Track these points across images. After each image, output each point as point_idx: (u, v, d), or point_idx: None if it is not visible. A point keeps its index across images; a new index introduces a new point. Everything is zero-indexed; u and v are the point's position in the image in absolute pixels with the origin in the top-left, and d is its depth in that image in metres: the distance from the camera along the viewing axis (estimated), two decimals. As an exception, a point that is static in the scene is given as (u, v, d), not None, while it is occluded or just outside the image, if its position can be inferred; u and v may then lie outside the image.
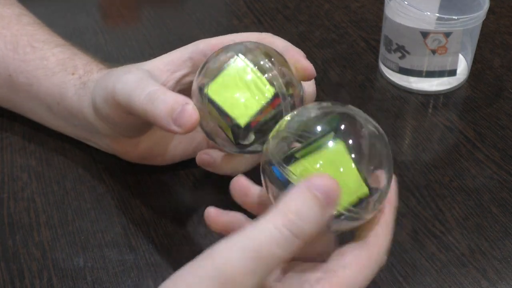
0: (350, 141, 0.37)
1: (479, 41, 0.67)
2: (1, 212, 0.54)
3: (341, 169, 0.36)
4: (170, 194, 0.56)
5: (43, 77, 0.56)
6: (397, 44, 0.64)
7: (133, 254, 0.51)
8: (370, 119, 0.39)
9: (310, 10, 0.80)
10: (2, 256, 0.51)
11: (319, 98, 0.66)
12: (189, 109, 0.42)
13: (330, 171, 0.36)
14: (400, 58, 0.65)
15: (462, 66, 0.68)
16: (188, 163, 0.58)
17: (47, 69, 0.56)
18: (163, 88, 0.45)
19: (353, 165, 0.36)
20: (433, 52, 0.63)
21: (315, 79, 0.68)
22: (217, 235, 0.50)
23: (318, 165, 0.36)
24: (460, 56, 0.67)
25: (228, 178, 0.57)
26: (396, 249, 0.51)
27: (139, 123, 0.50)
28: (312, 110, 0.40)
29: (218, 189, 0.56)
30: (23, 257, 0.51)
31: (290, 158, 0.37)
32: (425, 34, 0.62)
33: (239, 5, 0.80)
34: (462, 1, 0.65)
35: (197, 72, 0.46)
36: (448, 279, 0.49)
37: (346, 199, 0.36)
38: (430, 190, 0.56)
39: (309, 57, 0.71)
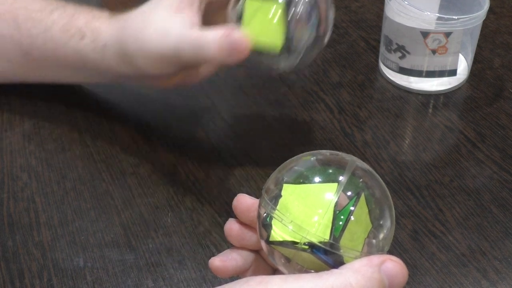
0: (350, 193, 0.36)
1: (479, 41, 0.67)
2: (1, 212, 0.54)
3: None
4: (170, 194, 0.56)
5: (55, 49, 0.56)
6: (397, 44, 0.64)
7: (133, 254, 0.51)
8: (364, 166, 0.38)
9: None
10: (2, 256, 0.51)
11: (319, 98, 0.66)
12: (237, 38, 0.45)
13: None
14: (400, 58, 0.65)
15: (462, 66, 0.68)
16: (188, 163, 0.59)
17: (55, 40, 0.56)
18: (200, 31, 0.48)
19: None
20: (433, 52, 0.63)
21: (315, 78, 0.69)
22: (217, 235, 0.50)
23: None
24: (460, 56, 0.67)
25: (228, 179, 0.57)
26: (396, 249, 0.51)
27: (182, 69, 0.53)
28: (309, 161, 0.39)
29: (218, 188, 0.56)
30: (23, 257, 0.51)
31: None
32: (425, 34, 0.62)
33: (239, 5, 0.80)
34: (462, 1, 0.65)
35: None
36: (448, 279, 0.49)
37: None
38: (430, 190, 0.56)
39: (309, 57, 0.72)
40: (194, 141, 0.61)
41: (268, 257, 0.38)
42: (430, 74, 0.65)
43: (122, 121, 0.63)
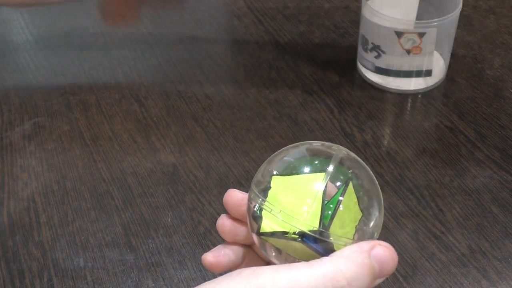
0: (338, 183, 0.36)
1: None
2: (1, 212, 0.54)
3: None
4: (170, 194, 0.56)
5: None
6: (372, 43, 0.64)
7: (133, 254, 0.51)
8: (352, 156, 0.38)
9: (310, 10, 0.80)
10: (2, 256, 0.51)
11: (319, 98, 0.66)
12: None
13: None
14: (376, 57, 0.65)
15: (440, 65, 0.68)
16: (188, 163, 0.59)
17: None
18: None
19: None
20: (408, 52, 0.63)
21: (315, 78, 0.69)
22: (217, 235, 0.50)
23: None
24: (438, 55, 0.67)
25: (228, 179, 0.57)
26: (396, 249, 0.51)
27: None
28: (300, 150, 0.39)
29: (218, 188, 0.56)
30: (23, 257, 0.51)
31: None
32: (399, 34, 0.62)
33: (239, 5, 0.80)
34: (439, 1, 0.65)
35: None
36: (448, 279, 0.49)
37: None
38: (430, 190, 0.56)
39: (309, 57, 0.72)
40: (194, 141, 0.61)
41: (260, 250, 0.38)
42: (407, 74, 0.65)
43: (122, 121, 0.63)
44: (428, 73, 0.65)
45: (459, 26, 0.66)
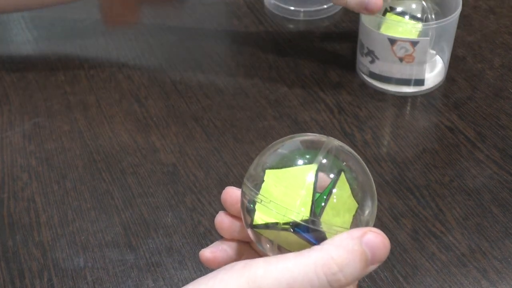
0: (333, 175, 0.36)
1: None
2: (1, 212, 0.54)
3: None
4: (170, 194, 0.56)
5: None
6: (368, 48, 0.65)
7: (133, 254, 0.51)
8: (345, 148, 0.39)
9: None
10: (2, 256, 0.51)
11: (319, 98, 0.66)
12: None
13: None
14: (370, 62, 0.65)
15: (439, 68, 0.68)
16: (188, 163, 0.59)
17: None
18: None
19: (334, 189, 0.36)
20: (401, 60, 0.63)
21: (315, 78, 0.69)
22: (217, 234, 0.50)
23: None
24: (438, 58, 0.67)
25: (228, 179, 0.57)
26: (396, 249, 0.51)
27: None
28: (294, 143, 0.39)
29: (218, 188, 0.56)
30: (23, 257, 0.51)
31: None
32: (392, 41, 0.62)
33: (239, 5, 0.80)
34: (442, 5, 0.65)
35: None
36: (448, 279, 0.49)
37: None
38: (430, 190, 0.56)
39: (309, 57, 0.72)
40: (194, 141, 0.61)
41: (256, 244, 0.38)
42: (398, 81, 0.65)
43: (122, 121, 0.63)
44: (420, 82, 0.65)
45: (459, 26, 0.66)
